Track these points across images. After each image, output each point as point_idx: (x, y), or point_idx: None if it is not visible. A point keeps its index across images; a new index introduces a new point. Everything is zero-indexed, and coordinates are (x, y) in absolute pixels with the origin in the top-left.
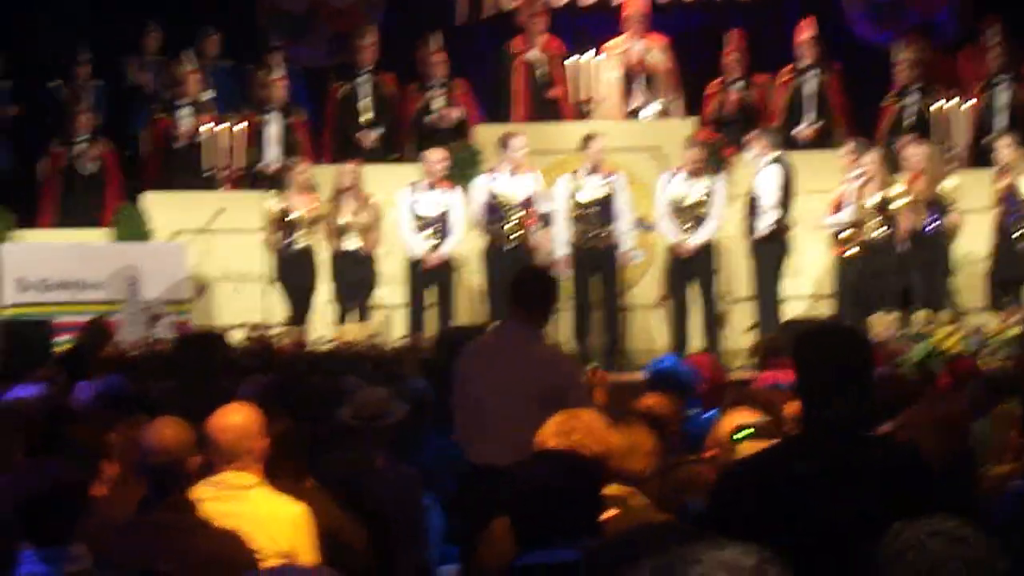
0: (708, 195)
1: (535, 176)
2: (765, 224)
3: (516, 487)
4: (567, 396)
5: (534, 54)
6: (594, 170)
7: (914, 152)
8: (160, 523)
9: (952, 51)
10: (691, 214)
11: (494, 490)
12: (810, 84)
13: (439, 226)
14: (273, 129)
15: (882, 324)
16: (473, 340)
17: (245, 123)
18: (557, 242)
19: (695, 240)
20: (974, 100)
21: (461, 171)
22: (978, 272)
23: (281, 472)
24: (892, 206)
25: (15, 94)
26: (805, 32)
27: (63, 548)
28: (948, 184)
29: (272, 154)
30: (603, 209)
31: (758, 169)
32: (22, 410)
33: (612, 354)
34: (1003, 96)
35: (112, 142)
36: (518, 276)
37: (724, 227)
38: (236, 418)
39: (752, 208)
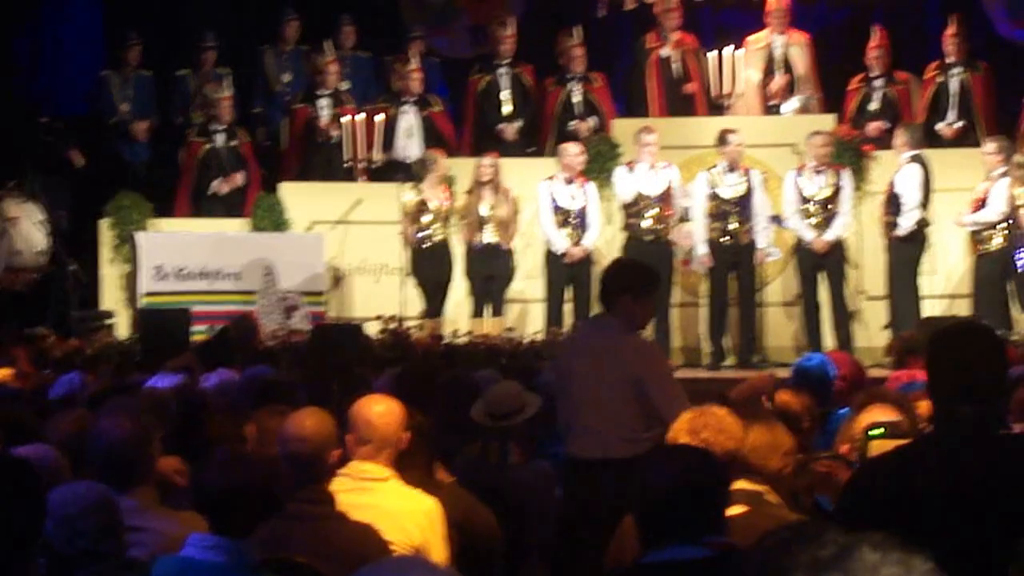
0: (836, 190)
1: (673, 171)
2: (908, 222)
3: (642, 483)
4: (646, 387)
5: (667, 50)
6: (731, 167)
7: None
8: (298, 514)
9: None
10: (820, 209)
11: (589, 485)
12: (955, 82)
13: (578, 220)
14: (409, 120)
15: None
16: (569, 333)
17: (383, 115)
18: (696, 238)
19: (827, 236)
20: None
21: (600, 165)
22: None
23: (414, 465)
24: (1017, 204)
25: (156, 83)
26: (951, 29)
27: (242, 541)
28: None
29: (408, 146)
30: (741, 206)
31: (899, 166)
32: (161, 399)
33: (749, 351)
34: None
35: (248, 131)
36: (607, 269)
37: (857, 223)
38: (382, 407)
39: (891, 205)
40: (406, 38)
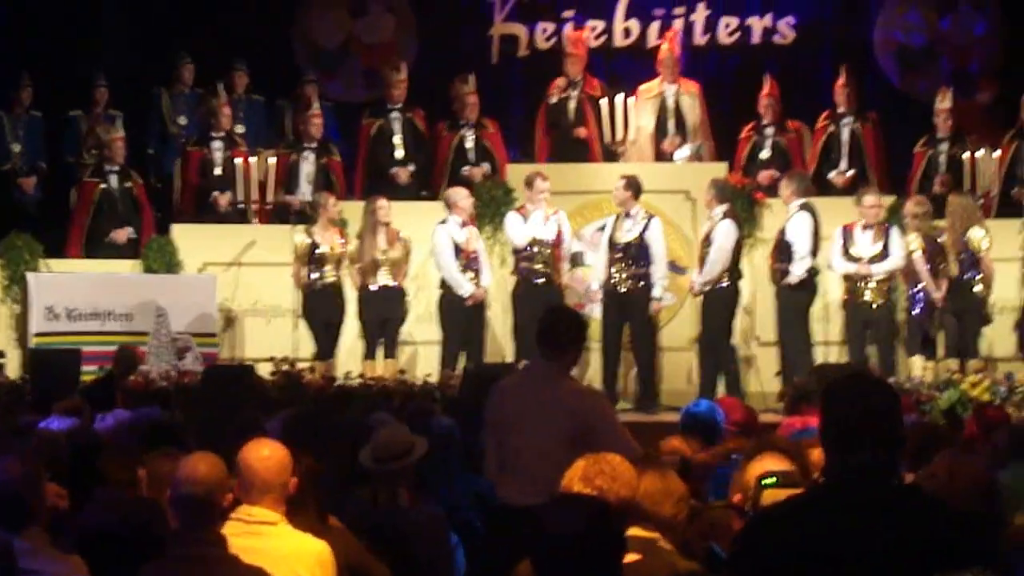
0: (708, 235)
1: (563, 216)
2: (799, 270)
3: (538, 530)
4: (598, 434)
5: (559, 96)
6: (626, 212)
7: (948, 201)
8: (191, 556)
9: (971, 96)
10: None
11: (521, 531)
12: (846, 131)
13: (476, 263)
14: (308, 166)
15: (915, 369)
16: (503, 380)
17: (276, 158)
18: (588, 283)
19: (695, 281)
20: (999, 151)
21: (494, 210)
22: (1008, 321)
23: (304, 509)
24: (909, 250)
25: (46, 124)
26: (842, 80)
27: None
28: (977, 233)
29: (304, 190)
30: (636, 251)
31: (788, 215)
32: (54, 441)
33: (645, 396)
34: None
35: (141, 173)
36: (545, 315)
37: (750, 269)
38: (266, 453)
39: (781, 253)
40: (300, 82)
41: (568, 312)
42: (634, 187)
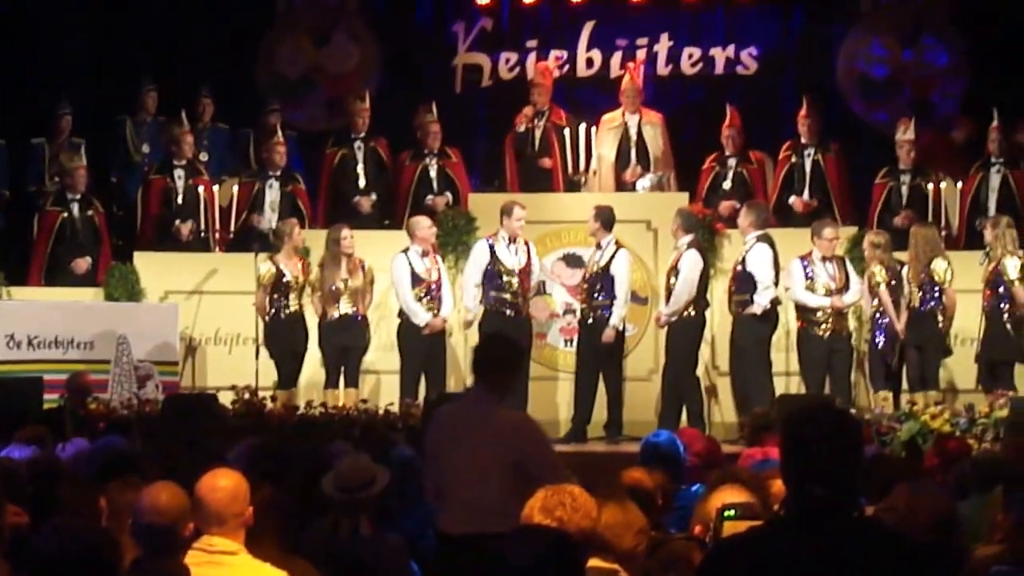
0: (675, 265)
1: (531, 246)
2: (763, 300)
3: (499, 563)
4: (530, 461)
5: (522, 127)
6: (598, 243)
7: (912, 232)
8: None
9: (946, 131)
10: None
11: (461, 561)
12: (808, 161)
13: (436, 292)
14: (273, 194)
15: (876, 401)
16: (443, 406)
17: (237, 186)
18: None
19: (662, 312)
20: (961, 183)
21: (456, 239)
22: (969, 353)
23: (264, 538)
24: (871, 284)
25: (9, 152)
26: (804, 110)
27: None
28: (940, 265)
29: (269, 218)
30: (602, 282)
31: (747, 246)
32: (14, 470)
33: (611, 425)
34: (995, 179)
35: (103, 201)
36: (479, 344)
37: (712, 300)
38: (224, 482)
39: (740, 283)
40: (263, 111)
41: (501, 339)
42: (603, 218)
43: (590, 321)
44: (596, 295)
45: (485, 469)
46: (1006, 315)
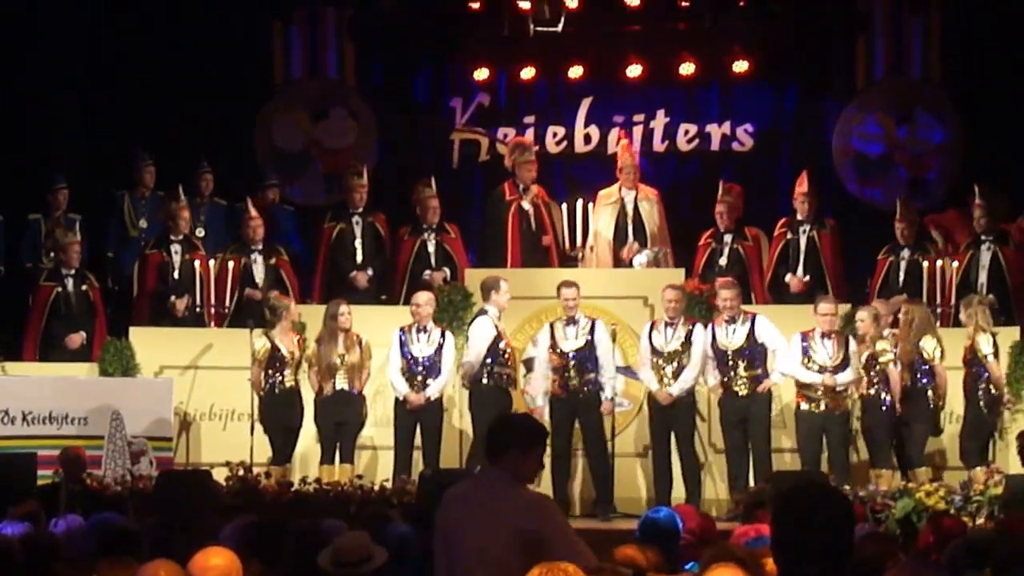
0: (687, 344)
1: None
2: (776, 377)
3: None
4: (550, 543)
5: (527, 203)
6: (571, 319)
7: (904, 310)
8: None
9: (941, 209)
10: (670, 362)
11: None
12: (804, 238)
13: (428, 368)
14: (259, 268)
15: (873, 479)
16: (454, 487)
17: (232, 262)
18: (537, 390)
19: (675, 389)
20: (956, 262)
21: (453, 314)
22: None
23: None
24: (879, 362)
25: (5, 227)
26: (801, 187)
27: None
28: (929, 343)
29: (257, 292)
30: (581, 358)
31: (744, 322)
32: (7, 547)
33: (599, 503)
34: (985, 256)
35: (96, 275)
36: (494, 422)
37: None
38: (216, 561)
39: (751, 360)
40: (261, 186)
41: (516, 418)
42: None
43: (581, 397)
44: (582, 371)
45: (499, 552)
46: (980, 392)
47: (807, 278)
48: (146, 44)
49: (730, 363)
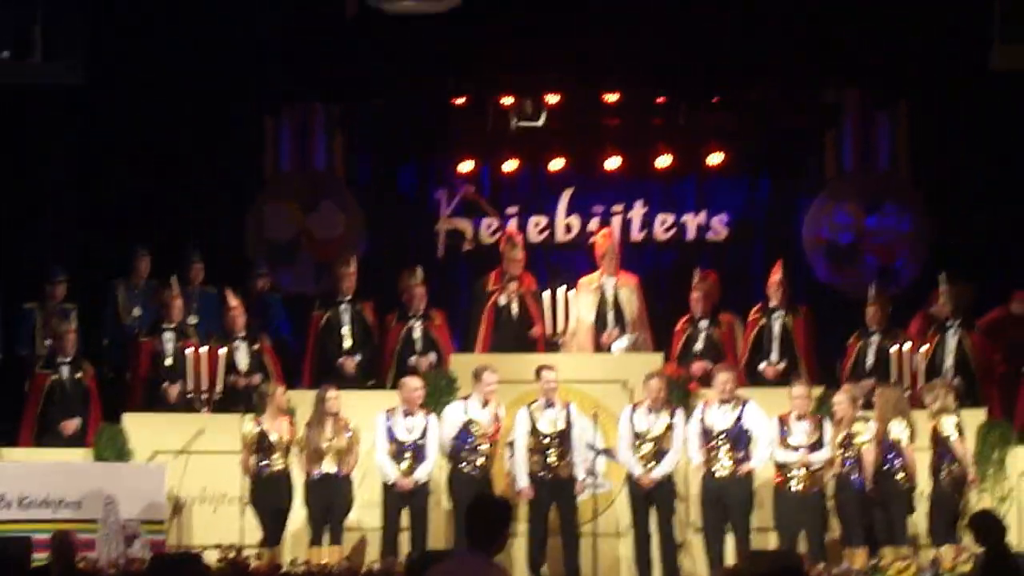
0: (669, 428)
1: (501, 408)
2: (764, 456)
3: None
4: None
5: (505, 297)
6: (549, 402)
7: (878, 392)
8: None
9: (909, 296)
10: (653, 446)
11: None
12: (777, 324)
13: (415, 451)
14: (242, 355)
15: (846, 558)
16: (436, 566)
17: (225, 348)
18: (518, 472)
19: (656, 473)
20: (927, 345)
21: (438, 399)
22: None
23: None
24: (855, 443)
25: (2, 317)
26: (776, 275)
27: None
28: (897, 426)
29: (240, 379)
30: (560, 439)
31: (732, 405)
32: None
33: None
34: (951, 341)
35: (91, 363)
36: (471, 504)
37: (684, 457)
38: None
39: (736, 443)
40: (251, 274)
41: (490, 500)
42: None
43: (550, 477)
44: (562, 453)
45: None
46: (943, 472)
47: (781, 365)
48: (142, 139)
49: (714, 444)
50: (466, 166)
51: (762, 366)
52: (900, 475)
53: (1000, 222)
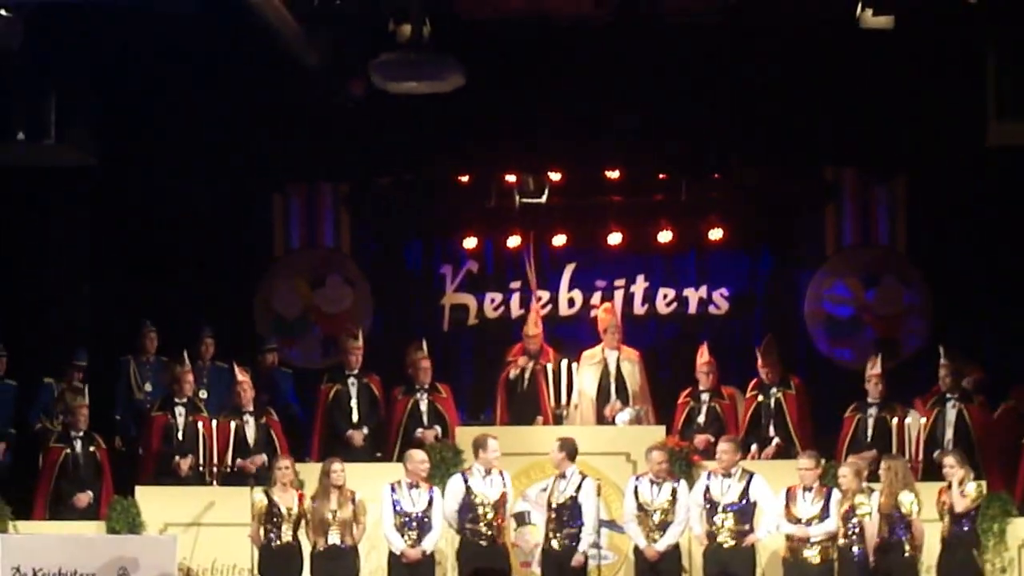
0: (673, 500)
1: (506, 477)
2: (771, 527)
3: None
4: None
5: (515, 371)
6: (562, 474)
7: (884, 465)
8: None
9: (909, 369)
10: (657, 518)
11: None
12: (772, 400)
13: (420, 523)
14: (250, 430)
15: None
16: None
17: (234, 422)
18: (528, 543)
19: (661, 544)
20: (925, 418)
21: (445, 470)
22: None
23: None
24: (857, 515)
25: (19, 393)
26: (760, 360)
27: None
28: (906, 497)
29: (251, 453)
30: (572, 511)
31: (739, 478)
32: None
33: None
34: (951, 414)
35: (104, 437)
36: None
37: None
38: None
39: (740, 515)
40: (260, 349)
41: (492, 573)
42: (568, 449)
43: (557, 548)
44: (564, 524)
45: None
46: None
47: (775, 439)
48: (154, 217)
49: (718, 515)
50: (470, 242)
51: (753, 450)
52: (907, 547)
53: (998, 295)
